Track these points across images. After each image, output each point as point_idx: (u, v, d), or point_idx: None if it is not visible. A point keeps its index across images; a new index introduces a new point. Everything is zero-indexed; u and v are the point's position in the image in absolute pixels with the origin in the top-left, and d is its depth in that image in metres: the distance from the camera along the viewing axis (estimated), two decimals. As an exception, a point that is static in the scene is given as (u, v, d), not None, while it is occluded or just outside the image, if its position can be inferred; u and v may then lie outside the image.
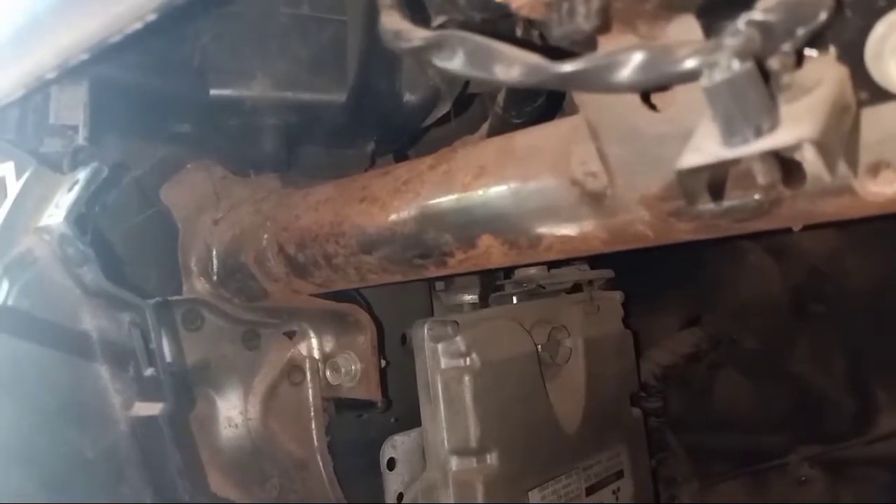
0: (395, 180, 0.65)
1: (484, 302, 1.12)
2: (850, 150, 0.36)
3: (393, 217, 0.64)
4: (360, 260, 0.68)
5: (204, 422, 0.79)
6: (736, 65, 0.31)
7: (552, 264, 1.10)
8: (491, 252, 0.60)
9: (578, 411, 1.01)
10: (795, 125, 0.31)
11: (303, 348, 0.88)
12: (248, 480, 0.83)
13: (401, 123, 0.76)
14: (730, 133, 0.32)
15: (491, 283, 1.13)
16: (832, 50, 0.35)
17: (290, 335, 0.88)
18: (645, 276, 1.27)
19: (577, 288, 1.14)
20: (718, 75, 0.31)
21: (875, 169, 0.38)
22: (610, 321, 1.12)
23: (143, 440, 0.62)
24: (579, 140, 0.52)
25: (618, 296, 1.15)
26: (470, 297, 1.16)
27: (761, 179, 0.32)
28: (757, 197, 0.45)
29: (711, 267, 1.27)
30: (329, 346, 0.89)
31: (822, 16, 0.32)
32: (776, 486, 1.14)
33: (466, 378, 0.87)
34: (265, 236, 0.75)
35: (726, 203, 0.45)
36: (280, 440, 0.86)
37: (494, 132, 0.69)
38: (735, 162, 0.33)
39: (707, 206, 0.46)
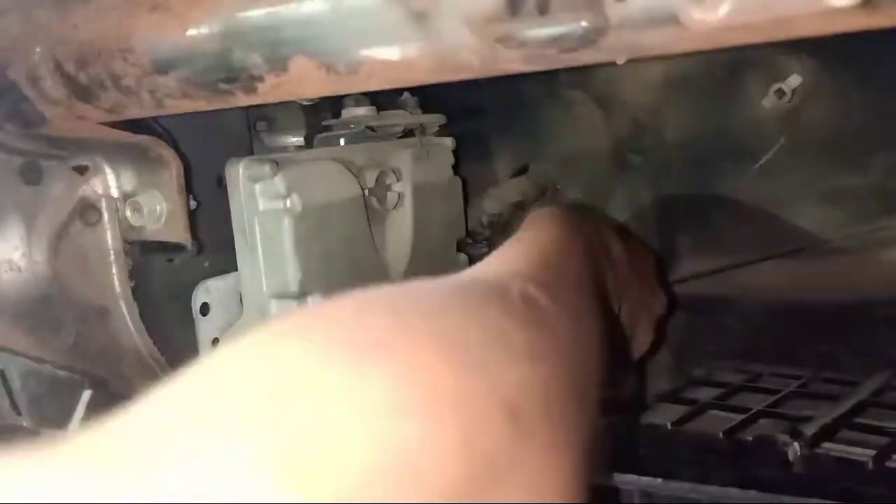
0: (193, -13, 0.56)
1: (310, 144, 1.05)
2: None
3: (191, 31, 0.55)
4: (156, 82, 0.59)
5: (-24, 265, 0.69)
6: None
7: (383, 107, 1.05)
8: (305, 77, 0.54)
9: (405, 256, 1.01)
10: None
11: (97, 185, 0.78)
12: (38, 328, 0.76)
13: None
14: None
15: (317, 123, 1.06)
16: None
17: (82, 170, 0.78)
18: (476, 125, 1.25)
19: (408, 134, 1.10)
20: None
21: (703, -8, 0.36)
22: (440, 167, 1.10)
23: None
24: (403, -53, 0.46)
25: (449, 142, 1.12)
26: (294, 139, 1.09)
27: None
28: (583, 24, 0.42)
29: (541, 116, 1.28)
30: (129, 183, 0.80)
31: None
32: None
33: (286, 220, 0.82)
34: (37, 49, 0.63)
35: (552, 28, 0.43)
36: (74, 286, 0.78)
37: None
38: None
39: (533, 30, 0.43)
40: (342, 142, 1.03)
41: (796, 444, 0.70)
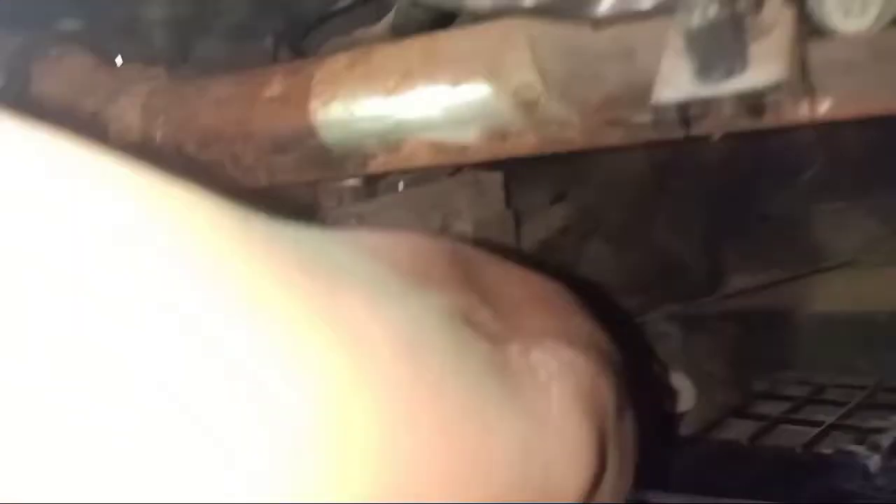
0: (306, 80, 0.62)
1: (368, 185, 1.11)
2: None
3: (309, 119, 0.62)
4: (274, 161, 0.66)
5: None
6: (714, 9, 0.32)
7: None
8: (416, 154, 0.60)
9: (470, 291, 1.06)
10: (766, 66, 0.33)
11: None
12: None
13: (303, 11, 0.71)
14: (705, 72, 0.33)
15: (376, 167, 1.11)
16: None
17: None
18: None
19: (458, 168, 1.15)
20: (698, 19, 0.32)
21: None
22: (494, 202, 1.15)
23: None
24: (513, 48, 0.52)
25: (499, 176, 1.17)
26: (353, 181, 1.15)
27: (728, 111, 0.35)
28: (690, 112, 0.47)
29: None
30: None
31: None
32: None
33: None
34: (159, 134, 0.70)
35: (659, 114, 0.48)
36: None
37: (400, 30, 0.67)
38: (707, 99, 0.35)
39: (642, 115, 0.48)
40: (401, 186, 1.09)
41: (876, 457, 0.73)
